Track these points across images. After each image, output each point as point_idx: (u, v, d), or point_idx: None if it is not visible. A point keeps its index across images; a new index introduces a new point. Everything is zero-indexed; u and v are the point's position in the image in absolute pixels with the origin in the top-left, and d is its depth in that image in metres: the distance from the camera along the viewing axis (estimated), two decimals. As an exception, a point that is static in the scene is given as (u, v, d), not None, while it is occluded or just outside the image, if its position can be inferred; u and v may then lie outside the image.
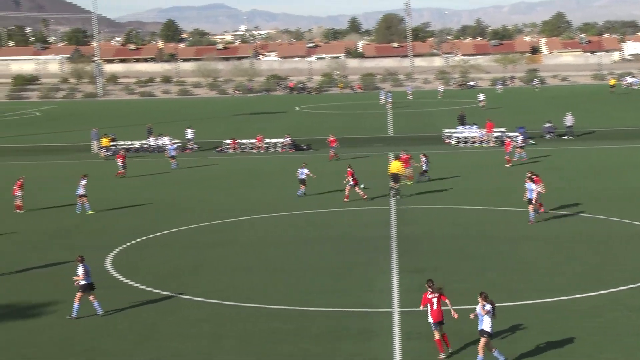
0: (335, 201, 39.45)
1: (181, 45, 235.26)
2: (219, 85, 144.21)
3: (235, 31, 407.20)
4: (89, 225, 35.75)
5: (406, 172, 42.33)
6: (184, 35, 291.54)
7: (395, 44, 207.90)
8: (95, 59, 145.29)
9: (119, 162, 49.76)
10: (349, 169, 39.47)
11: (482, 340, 18.88)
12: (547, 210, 35.11)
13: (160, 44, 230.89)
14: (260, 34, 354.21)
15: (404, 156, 43.62)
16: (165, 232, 33.74)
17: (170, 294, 25.11)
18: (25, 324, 22.59)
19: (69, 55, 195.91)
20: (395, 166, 40.03)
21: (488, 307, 18.80)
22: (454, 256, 28.93)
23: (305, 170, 40.74)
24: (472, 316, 19.20)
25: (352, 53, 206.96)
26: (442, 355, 19.47)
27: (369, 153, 57.73)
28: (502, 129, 62.52)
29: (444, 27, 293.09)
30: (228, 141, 62.25)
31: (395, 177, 39.75)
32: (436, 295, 19.63)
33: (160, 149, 62.20)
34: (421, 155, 45.59)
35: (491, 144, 59.89)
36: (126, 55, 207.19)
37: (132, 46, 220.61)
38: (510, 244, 30.39)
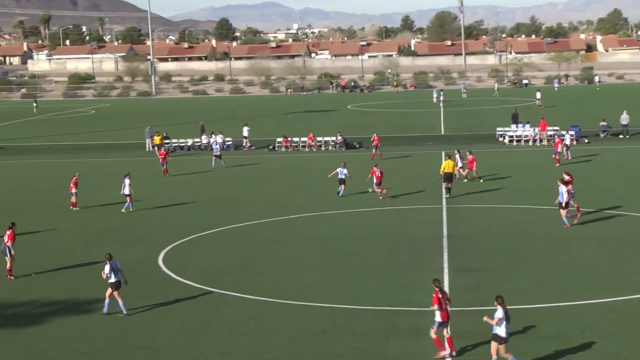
0: (385, 200, 39.38)
1: (234, 43, 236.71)
2: (271, 84, 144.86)
3: (288, 29, 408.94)
4: (142, 222, 36.22)
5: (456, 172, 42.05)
6: (237, 34, 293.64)
7: (449, 42, 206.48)
8: (149, 57, 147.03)
9: (161, 160, 49.88)
10: (374, 168, 39.50)
11: (493, 344, 18.83)
12: (597, 209, 34.61)
13: (214, 42, 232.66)
14: (313, 32, 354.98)
15: (470, 157, 44.08)
16: (218, 229, 34.02)
17: (221, 291, 25.33)
18: (80, 319, 23.00)
19: (123, 54, 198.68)
20: (447, 165, 39.84)
21: (500, 312, 18.68)
22: (505, 255, 28.70)
23: (345, 170, 40.80)
24: (487, 319, 19.08)
25: (404, 51, 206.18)
26: (442, 354, 19.44)
27: (417, 152, 57.49)
28: (556, 128, 61.80)
29: (497, 24, 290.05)
30: (280, 139, 62.52)
31: (447, 177, 39.55)
32: (444, 296, 19.63)
33: (213, 147, 62.63)
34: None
35: (544, 143, 59.23)
36: (180, 54, 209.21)
37: (186, 45, 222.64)
38: (562, 244, 30.05)
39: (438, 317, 19.56)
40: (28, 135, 76.56)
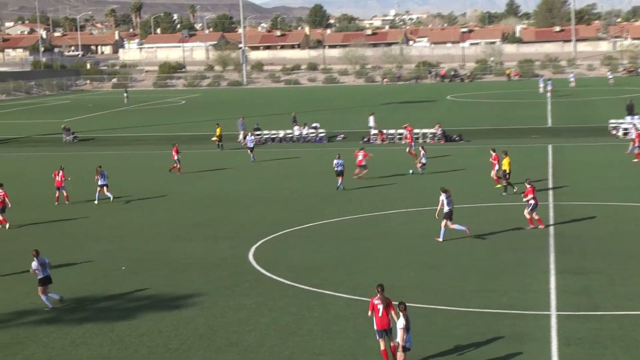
0: (487, 196, 38.93)
1: (328, 31, 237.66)
2: (367, 73, 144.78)
3: (385, 16, 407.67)
4: (232, 216, 36.72)
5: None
6: (332, 21, 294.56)
7: (557, 28, 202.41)
8: (240, 46, 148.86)
9: (174, 155, 48.51)
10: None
11: (399, 355, 18.45)
12: None
13: (307, 29, 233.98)
14: (411, 19, 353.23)
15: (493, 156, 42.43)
16: (309, 224, 34.20)
17: (313, 289, 25.46)
18: (170, 315, 23.46)
19: (214, 42, 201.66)
20: (505, 163, 39.21)
21: (402, 321, 18.26)
22: (618, 256, 27.96)
23: (342, 161, 41.05)
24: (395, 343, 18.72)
25: (509, 38, 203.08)
26: None
27: (521, 145, 56.56)
28: (675, 120, 59.88)
29: (612, 8, 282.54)
30: (375, 131, 62.42)
31: (505, 174, 39.00)
32: (382, 302, 19.10)
33: (305, 139, 63.14)
34: (420, 148, 46.33)
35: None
36: (272, 42, 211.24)
37: (278, 32, 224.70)
38: (683, 246, 29.09)
39: (374, 326, 19.15)
40: (119, 126, 78.55)
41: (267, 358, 20.13)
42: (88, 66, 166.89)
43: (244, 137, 62.86)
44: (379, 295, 19.18)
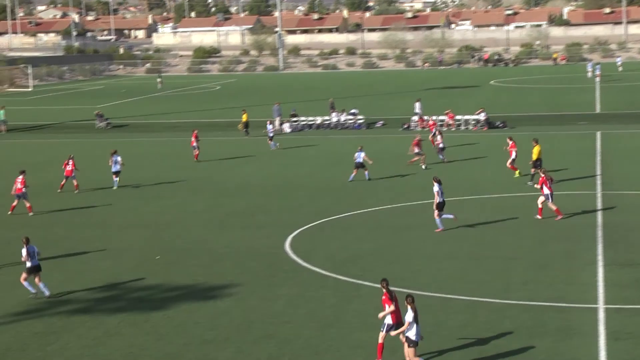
0: (523, 186, 38.70)
1: (367, 14, 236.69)
2: (407, 57, 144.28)
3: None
4: (269, 205, 36.84)
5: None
6: (371, 3, 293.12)
7: (607, 10, 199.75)
8: (277, 29, 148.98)
9: (193, 141, 48.78)
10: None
11: (406, 347, 18.49)
12: None
13: (345, 13, 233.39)
14: (454, 1, 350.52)
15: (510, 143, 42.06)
16: (348, 213, 34.22)
17: (351, 280, 25.49)
18: (205, 305, 23.62)
19: (250, 26, 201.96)
20: (535, 151, 38.65)
21: (410, 314, 18.22)
22: (670, 249, 27.68)
23: (362, 154, 40.40)
24: (395, 333, 18.79)
25: (556, 20, 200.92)
26: None
27: (568, 132, 56.06)
28: None
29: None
30: (415, 118, 62.20)
31: (536, 163, 38.48)
32: (390, 296, 19.03)
33: (343, 125, 63.09)
34: (437, 133, 46.84)
35: None
36: (309, 26, 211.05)
37: (316, 16, 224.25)
38: None
39: (389, 320, 19.05)
40: (153, 112, 79.08)
41: (304, 351, 20.19)
42: (121, 51, 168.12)
43: (280, 124, 63.06)
44: (385, 291, 19.17)
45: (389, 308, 18.75)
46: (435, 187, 30.69)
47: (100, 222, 34.57)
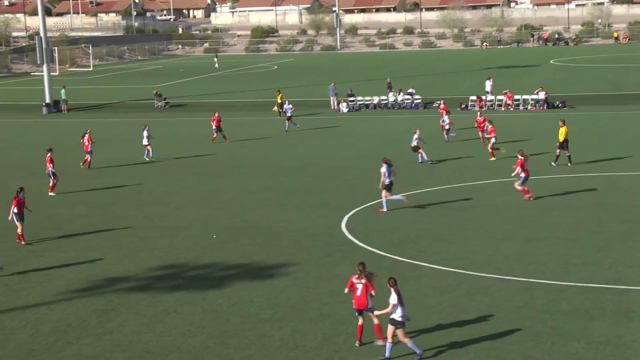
0: (589, 166, 38.09)
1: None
2: (465, 37, 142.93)
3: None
4: (325, 184, 36.82)
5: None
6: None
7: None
8: (334, 9, 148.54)
9: (214, 125, 48.76)
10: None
11: (390, 327, 18.30)
12: None
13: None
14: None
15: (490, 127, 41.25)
16: (404, 194, 34.01)
17: (408, 260, 25.39)
18: (262, 284, 23.70)
19: (307, 6, 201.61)
20: (563, 132, 37.85)
21: (394, 297, 18.07)
22: None
23: (415, 136, 40.15)
24: (379, 313, 18.71)
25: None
26: (379, 342, 18.81)
27: (630, 112, 55.03)
28: None
29: None
30: (473, 97, 61.62)
31: (562, 144, 37.84)
32: (362, 281, 18.86)
33: (400, 105, 62.76)
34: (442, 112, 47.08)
35: None
36: (367, 5, 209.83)
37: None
38: None
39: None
40: (210, 92, 79.51)
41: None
42: (180, 31, 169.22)
43: (337, 104, 62.97)
44: (359, 274, 19.09)
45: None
46: (383, 168, 30.87)
47: (158, 200, 34.89)
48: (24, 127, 61.08)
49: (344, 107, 62.63)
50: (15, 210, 28.49)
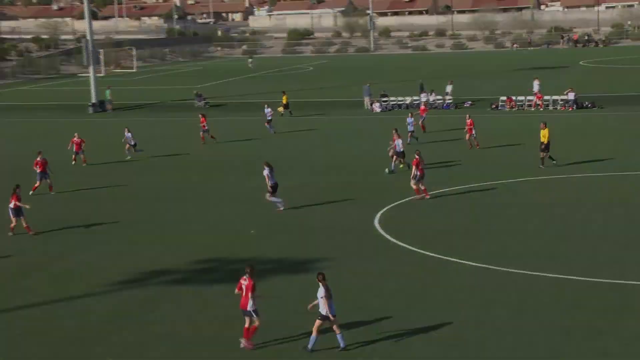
0: (618, 165, 37.71)
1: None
2: (496, 39, 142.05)
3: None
4: (359, 182, 36.76)
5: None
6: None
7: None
8: (368, 12, 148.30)
9: (202, 125, 48.22)
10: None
11: (317, 321, 18.37)
12: None
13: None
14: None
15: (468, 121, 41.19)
16: (436, 191, 33.90)
17: (439, 256, 25.29)
18: (297, 279, 23.72)
19: (342, 9, 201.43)
20: (545, 134, 37.19)
21: (321, 291, 18.10)
22: None
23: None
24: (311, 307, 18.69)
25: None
26: (242, 343, 18.92)
27: None
28: None
29: None
30: (504, 98, 61.22)
31: (543, 146, 37.11)
32: (246, 283, 18.80)
33: (432, 105, 62.50)
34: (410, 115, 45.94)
35: None
36: (400, 8, 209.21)
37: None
38: None
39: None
40: (248, 92, 79.64)
41: (392, 324, 20.09)
42: (219, 33, 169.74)
43: (371, 104, 62.85)
44: (246, 275, 19.04)
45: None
46: (265, 171, 31.17)
47: (201, 196, 35.04)
48: (71, 126, 61.59)
49: (377, 107, 62.49)
50: (12, 205, 29.18)
